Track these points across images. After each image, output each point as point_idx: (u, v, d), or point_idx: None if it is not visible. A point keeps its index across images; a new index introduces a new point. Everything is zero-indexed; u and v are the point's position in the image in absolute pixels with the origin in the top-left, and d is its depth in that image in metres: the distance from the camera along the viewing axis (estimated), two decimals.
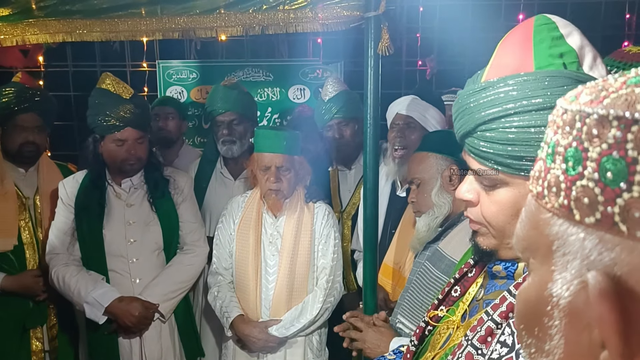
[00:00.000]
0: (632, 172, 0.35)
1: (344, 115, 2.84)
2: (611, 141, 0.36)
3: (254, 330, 2.34)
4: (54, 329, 2.64)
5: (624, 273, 0.36)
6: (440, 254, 1.69)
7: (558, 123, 0.42)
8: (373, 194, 2.12)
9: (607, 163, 0.36)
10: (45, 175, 2.64)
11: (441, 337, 1.07)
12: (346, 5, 2.10)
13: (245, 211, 2.45)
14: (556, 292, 0.40)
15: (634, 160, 0.35)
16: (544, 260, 0.42)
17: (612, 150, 0.36)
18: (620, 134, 0.36)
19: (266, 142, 2.34)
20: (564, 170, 0.40)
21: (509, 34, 0.92)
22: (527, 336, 0.46)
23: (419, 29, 4.31)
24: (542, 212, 0.42)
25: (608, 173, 0.36)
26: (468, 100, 0.89)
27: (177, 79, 4.17)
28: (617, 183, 0.36)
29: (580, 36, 0.87)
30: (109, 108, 2.35)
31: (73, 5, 2.27)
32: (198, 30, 2.27)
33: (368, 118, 2.07)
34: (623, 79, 0.40)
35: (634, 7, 4.17)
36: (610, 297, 0.36)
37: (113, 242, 2.43)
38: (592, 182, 0.37)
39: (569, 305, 0.39)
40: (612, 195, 0.36)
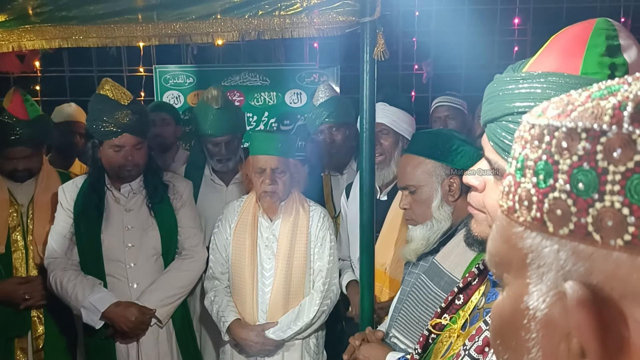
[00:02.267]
0: (603, 182, 0.36)
1: (335, 120, 2.85)
2: (581, 153, 0.37)
3: (250, 333, 2.35)
4: (39, 340, 2.58)
5: (600, 281, 0.36)
6: (439, 269, 1.62)
7: (526, 138, 0.43)
8: (369, 198, 2.12)
9: (578, 174, 0.37)
10: (43, 183, 2.62)
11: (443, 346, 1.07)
12: (342, 11, 2.11)
13: (241, 215, 2.45)
14: (532, 304, 0.41)
15: (604, 171, 0.36)
16: (518, 273, 0.42)
17: (583, 161, 0.37)
18: (589, 145, 0.37)
19: (261, 144, 2.35)
20: (535, 184, 0.40)
21: (566, 30, 0.86)
22: (504, 351, 0.46)
23: (415, 33, 4.33)
24: (513, 226, 0.43)
25: (579, 184, 0.37)
26: (502, 86, 0.86)
27: (174, 84, 4.18)
28: (589, 193, 0.36)
29: (637, 52, 0.82)
30: (107, 114, 2.35)
31: (69, 11, 2.27)
32: (194, 35, 2.28)
33: (364, 123, 2.08)
34: (587, 93, 0.41)
35: (629, 11, 4.19)
36: (588, 305, 0.36)
37: (111, 247, 2.43)
38: (564, 194, 0.38)
39: (545, 316, 0.40)
40: (584, 206, 0.37)
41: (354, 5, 2.10)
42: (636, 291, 0.35)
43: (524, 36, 4.19)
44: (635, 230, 0.35)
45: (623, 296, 0.36)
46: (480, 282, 1.08)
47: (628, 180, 0.35)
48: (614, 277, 0.36)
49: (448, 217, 1.69)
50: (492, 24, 4.16)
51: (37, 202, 2.58)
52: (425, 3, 4.12)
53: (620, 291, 0.36)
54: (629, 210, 0.35)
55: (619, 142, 0.35)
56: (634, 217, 0.35)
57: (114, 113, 2.35)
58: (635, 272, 0.35)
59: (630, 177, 0.35)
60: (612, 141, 0.36)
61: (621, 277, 0.36)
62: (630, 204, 0.35)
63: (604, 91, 0.40)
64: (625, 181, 0.35)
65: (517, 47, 4.11)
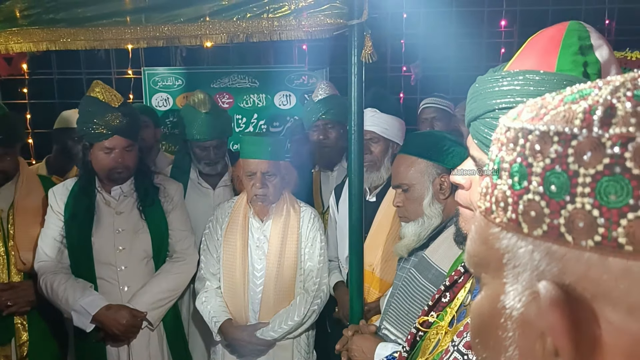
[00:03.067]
0: (574, 185, 0.37)
1: (331, 117, 2.88)
2: (553, 156, 0.38)
3: (242, 334, 2.36)
4: (24, 347, 2.54)
5: (572, 282, 0.37)
6: (427, 262, 1.69)
7: (502, 140, 0.44)
8: (358, 199, 2.14)
9: (550, 177, 0.38)
10: (23, 188, 2.57)
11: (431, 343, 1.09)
12: (330, 13, 2.12)
13: (232, 216, 2.47)
14: (509, 304, 0.42)
15: (575, 173, 0.37)
16: (496, 273, 0.43)
17: (555, 164, 0.38)
18: (561, 148, 0.38)
19: (251, 148, 2.37)
20: (510, 186, 0.41)
21: (541, 32, 0.91)
22: (482, 349, 0.47)
23: (403, 35, 4.35)
24: (491, 227, 0.43)
25: (552, 186, 0.38)
26: (483, 86, 0.89)
27: (163, 86, 4.17)
28: (561, 195, 0.37)
29: (609, 51, 0.87)
30: (97, 116, 2.35)
31: (57, 14, 2.27)
32: (183, 38, 2.28)
33: (352, 125, 2.09)
34: (560, 96, 0.42)
35: (613, 14, 4.24)
36: (560, 305, 0.37)
37: (102, 250, 2.42)
38: (538, 196, 0.39)
39: (521, 316, 0.41)
40: (557, 208, 0.38)
41: (342, 8, 2.11)
42: (607, 291, 0.36)
43: (510, 38, 4.23)
44: (604, 231, 0.35)
45: (594, 296, 0.37)
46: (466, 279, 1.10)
47: (598, 182, 0.36)
48: (586, 278, 0.37)
49: (439, 214, 1.76)
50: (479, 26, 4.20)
51: (18, 207, 2.53)
52: (413, 5, 4.15)
53: (591, 291, 0.37)
54: (599, 212, 0.35)
55: (589, 145, 0.36)
56: (603, 218, 0.35)
57: (104, 115, 2.34)
58: (605, 272, 0.36)
59: (600, 180, 0.36)
60: (583, 144, 0.37)
61: (592, 278, 0.36)
62: (600, 205, 0.35)
63: (575, 95, 0.41)
64: (595, 183, 0.36)
65: (504, 49, 4.15)
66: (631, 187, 0.34)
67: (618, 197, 0.35)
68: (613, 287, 0.36)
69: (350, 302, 2.19)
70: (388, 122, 2.54)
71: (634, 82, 0.38)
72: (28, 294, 2.48)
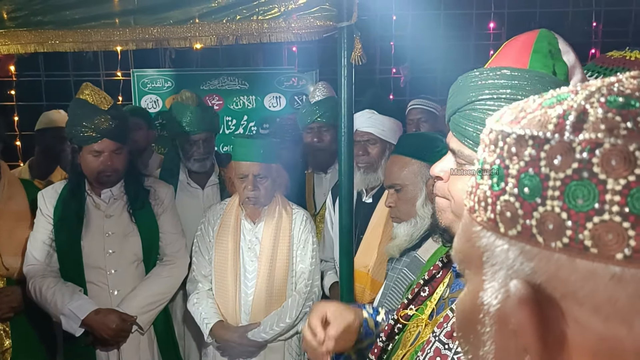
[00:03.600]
0: (545, 188, 0.38)
1: (327, 120, 2.87)
2: (527, 159, 0.40)
3: (233, 335, 2.35)
4: (7, 354, 2.50)
5: (543, 281, 0.39)
6: (420, 262, 1.70)
7: (485, 141, 0.45)
8: (348, 201, 2.14)
9: (524, 179, 0.39)
10: (5, 192, 2.51)
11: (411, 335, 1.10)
12: (319, 16, 2.13)
13: (223, 218, 2.46)
14: (487, 300, 0.43)
15: (547, 177, 0.38)
16: (477, 270, 0.45)
17: (528, 167, 0.39)
18: (534, 152, 0.39)
19: (243, 150, 2.36)
20: (490, 186, 0.43)
21: (515, 38, 0.97)
22: (464, 343, 0.48)
23: (392, 37, 4.37)
24: (474, 225, 0.45)
25: (525, 188, 0.39)
26: (465, 81, 0.95)
27: (152, 88, 4.16)
28: (533, 198, 0.39)
29: (575, 57, 0.93)
30: (86, 119, 2.33)
31: (45, 16, 2.25)
32: (172, 40, 2.27)
33: (342, 126, 2.10)
34: (540, 100, 0.43)
35: (600, 16, 4.28)
36: (529, 304, 0.39)
37: (91, 254, 2.41)
38: (513, 197, 0.40)
39: (497, 312, 0.42)
40: (529, 209, 0.39)
41: (332, 10, 2.12)
42: (574, 291, 0.37)
43: (499, 40, 4.25)
44: (572, 234, 0.37)
45: (563, 296, 0.38)
46: (445, 274, 1.12)
47: (567, 186, 0.37)
48: (555, 278, 0.38)
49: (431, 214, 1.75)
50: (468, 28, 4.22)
51: (1, 212, 2.47)
52: (402, 8, 4.17)
53: (561, 291, 0.38)
54: (567, 215, 0.37)
55: (560, 149, 0.38)
56: (571, 221, 0.37)
57: (93, 118, 2.33)
58: (573, 273, 0.37)
59: (569, 184, 0.37)
60: (554, 149, 0.38)
61: (561, 278, 0.38)
62: (568, 208, 0.37)
63: (553, 100, 0.42)
64: (564, 187, 0.37)
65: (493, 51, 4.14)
66: (597, 191, 0.36)
67: (585, 201, 0.36)
68: (580, 287, 0.37)
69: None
70: (385, 124, 2.54)
71: (609, 88, 0.39)
72: (10, 300, 2.44)
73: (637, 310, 0.36)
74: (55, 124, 3.28)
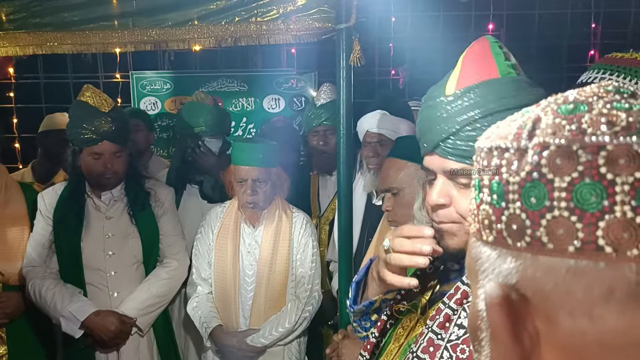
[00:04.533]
0: (507, 192, 0.41)
1: (332, 123, 2.83)
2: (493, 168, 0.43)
3: (232, 340, 2.35)
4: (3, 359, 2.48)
5: (516, 281, 0.41)
6: None
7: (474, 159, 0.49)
8: (347, 202, 2.14)
9: (493, 187, 0.43)
10: (2, 196, 2.48)
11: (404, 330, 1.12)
12: (317, 17, 2.13)
13: (223, 221, 2.46)
14: (480, 307, 0.45)
15: (507, 182, 0.41)
16: (474, 280, 0.47)
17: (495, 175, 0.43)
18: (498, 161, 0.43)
19: (242, 154, 2.35)
20: (474, 198, 0.46)
21: (469, 50, 1.02)
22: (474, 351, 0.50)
23: (391, 38, 4.36)
24: (470, 237, 0.48)
25: (494, 195, 0.43)
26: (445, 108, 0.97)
27: (151, 90, 4.15)
28: (500, 203, 0.42)
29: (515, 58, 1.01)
30: (86, 121, 2.33)
31: (43, 18, 2.26)
32: (171, 42, 2.28)
33: (341, 128, 2.10)
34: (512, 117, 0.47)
35: (599, 18, 4.29)
36: (499, 304, 0.41)
37: (91, 255, 2.40)
38: (487, 205, 0.44)
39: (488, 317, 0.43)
40: (498, 214, 0.42)
41: (330, 12, 2.12)
42: (541, 288, 0.40)
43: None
44: (531, 232, 0.39)
45: (533, 293, 0.40)
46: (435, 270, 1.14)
47: (522, 188, 0.40)
48: (525, 276, 0.40)
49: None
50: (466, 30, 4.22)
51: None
52: (401, 9, 4.17)
53: (531, 289, 0.40)
54: (526, 215, 0.40)
55: (516, 155, 0.41)
56: (529, 220, 0.40)
57: (93, 120, 2.32)
58: (538, 270, 0.39)
59: (524, 186, 0.40)
60: (512, 155, 0.42)
61: (529, 276, 0.40)
62: (526, 209, 0.40)
63: (519, 114, 0.46)
64: (520, 189, 0.40)
65: None
66: (547, 190, 0.39)
67: (538, 200, 0.39)
68: (544, 283, 0.39)
69: (340, 305, 2.19)
70: (397, 125, 2.48)
71: (565, 97, 0.43)
72: (6, 306, 2.42)
73: (593, 301, 0.37)
74: (59, 127, 3.27)
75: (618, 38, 4.30)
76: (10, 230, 2.46)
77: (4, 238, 2.45)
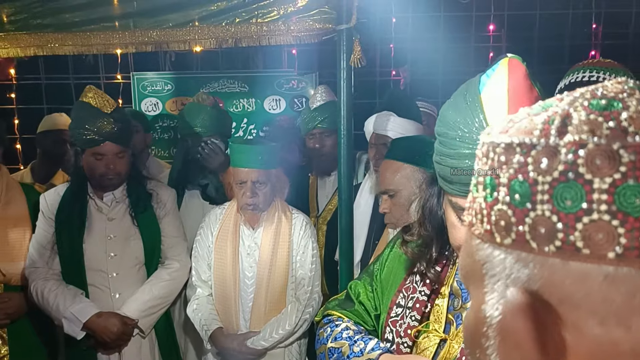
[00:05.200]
0: (534, 192, 0.38)
1: (328, 125, 2.82)
2: (516, 166, 0.40)
3: (232, 343, 2.34)
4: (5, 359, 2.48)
5: (539, 287, 0.39)
6: None
7: (479, 155, 0.46)
8: (348, 203, 2.14)
9: (514, 186, 0.40)
10: (3, 196, 2.49)
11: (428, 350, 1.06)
12: (318, 18, 2.13)
13: (222, 223, 2.45)
14: (488, 312, 0.43)
15: (535, 181, 0.38)
16: (478, 284, 0.45)
17: (517, 174, 0.40)
18: (522, 158, 0.40)
19: (242, 156, 2.34)
20: (484, 197, 0.43)
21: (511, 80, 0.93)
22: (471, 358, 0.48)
23: (392, 39, 4.36)
24: (473, 239, 0.45)
25: (516, 195, 0.40)
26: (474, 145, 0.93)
27: (152, 91, 4.16)
28: (524, 204, 0.39)
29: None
30: (89, 122, 2.33)
31: (44, 19, 2.26)
32: (171, 43, 2.28)
33: (342, 129, 2.10)
34: (527, 110, 0.44)
35: (600, 18, 4.28)
36: (525, 311, 0.39)
37: (93, 257, 2.40)
38: (506, 205, 0.41)
39: (499, 324, 0.42)
40: (521, 216, 0.39)
41: (331, 13, 2.12)
42: (569, 295, 0.37)
43: (498, 42, 4.25)
44: (563, 236, 0.37)
45: (560, 300, 0.38)
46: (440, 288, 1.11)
47: (554, 189, 0.37)
48: (551, 283, 0.38)
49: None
50: (467, 30, 4.22)
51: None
52: (402, 10, 4.17)
53: (557, 296, 0.38)
54: (557, 217, 0.37)
55: (545, 153, 0.38)
56: (561, 223, 0.37)
57: (96, 121, 2.33)
58: (567, 276, 0.37)
59: (556, 186, 0.37)
60: (540, 153, 0.39)
61: (556, 282, 0.38)
62: (558, 211, 0.37)
63: (539, 108, 0.43)
64: (552, 190, 0.37)
65: (492, 53, 4.17)
66: (584, 191, 0.36)
67: (573, 202, 0.36)
68: (575, 291, 0.37)
69: None
70: (404, 127, 2.43)
71: (593, 92, 0.40)
72: (7, 306, 2.43)
73: (633, 310, 0.35)
74: (58, 127, 3.28)
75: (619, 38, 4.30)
76: (12, 230, 2.46)
77: (5, 239, 2.45)
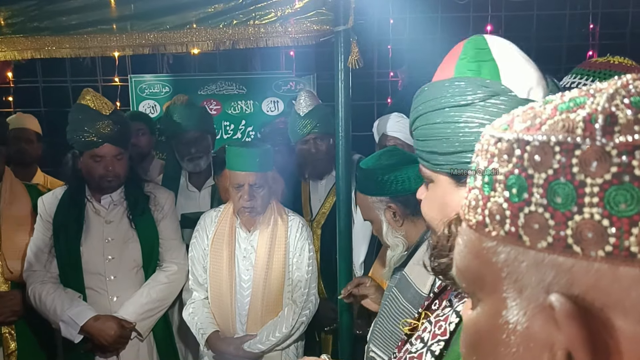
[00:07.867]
0: (581, 195, 0.36)
1: (320, 130, 2.79)
2: (556, 166, 0.38)
3: (229, 347, 2.32)
4: (12, 357, 2.49)
5: (581, 292, 0.37)
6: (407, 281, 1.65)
7: (492, 151, 0.43)
8: (346, 205, 2.14)
9: (555, 188, 0.38)
10: (7, 195, 2.51)
11: None
12: (316, 20, 2.13)
13: (218, 226, 2.43)
14: (512, 319, 0.41)
15: (582, 183, 0.36)
16: (493, 288, 0.43)
17: (559, 175, 0.38)
18: (564, 159, 0.37)
19: (238, 160, 2.30)
20: (507, 198, 0.41)
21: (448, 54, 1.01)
22: None
23: (389, 40, 4.37)
24: (484, 241, 0.43)
25: (557, 197, 0.37)
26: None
27: (150, 93, 4.16)
28: (567, 206, 0.37)
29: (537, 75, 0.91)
30: (87, 124, 2.32)
31: (41, 22, 2.26)
32: (169, 45, 2.28)
33: (340, 131, 2.10)
34: (552, 105, 0.41)
35: (597, 19, 4.29)
36: (577, 317, 0.37)
37: (91, 260, 2.39)
38: (541, 208, 0.38)
39: (526, 330, 0.40)
40: (563, 219, 0.37)
41: (328, 15, 2.12)
42: (618, 301, 0.36)
43: None
44: (616, 241, 0.35)
45: (606, 306, 0.36)
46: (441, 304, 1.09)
47: (606, 192, 0.36)
48: (596, 288, 0.36)
49: (401, 241, 1.74)
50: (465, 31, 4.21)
51: (3, 216, 2.49)
52: (399, 11, 4.17)
53: (602, 301, 0.37)
54: (609, 222, 0.35)
55: (593, 154, 0.36)
56: (614, 228, 0.35)
57: (94, 123, 2.32)
58: (616, 282, 0.36)
59: (608, 189, 0.35)
60: (587, 154, 0.37)
61: (602, 288, 0.36)
62: (610, 215, 0.35)
63: (569, 104, 0.40)
64: (603, 193, 0.36)
65: None
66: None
67: (628, 206, 0.35)
68: (624, 296, 0.36)
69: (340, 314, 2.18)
70: None
71: (627, 90, 0.38)
72: (14, 303, 2.45)
73: None
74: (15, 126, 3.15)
75: (616, 38, 4.31)
76: (18, 229, 2.48)
77: (11, 237, 2.47)
